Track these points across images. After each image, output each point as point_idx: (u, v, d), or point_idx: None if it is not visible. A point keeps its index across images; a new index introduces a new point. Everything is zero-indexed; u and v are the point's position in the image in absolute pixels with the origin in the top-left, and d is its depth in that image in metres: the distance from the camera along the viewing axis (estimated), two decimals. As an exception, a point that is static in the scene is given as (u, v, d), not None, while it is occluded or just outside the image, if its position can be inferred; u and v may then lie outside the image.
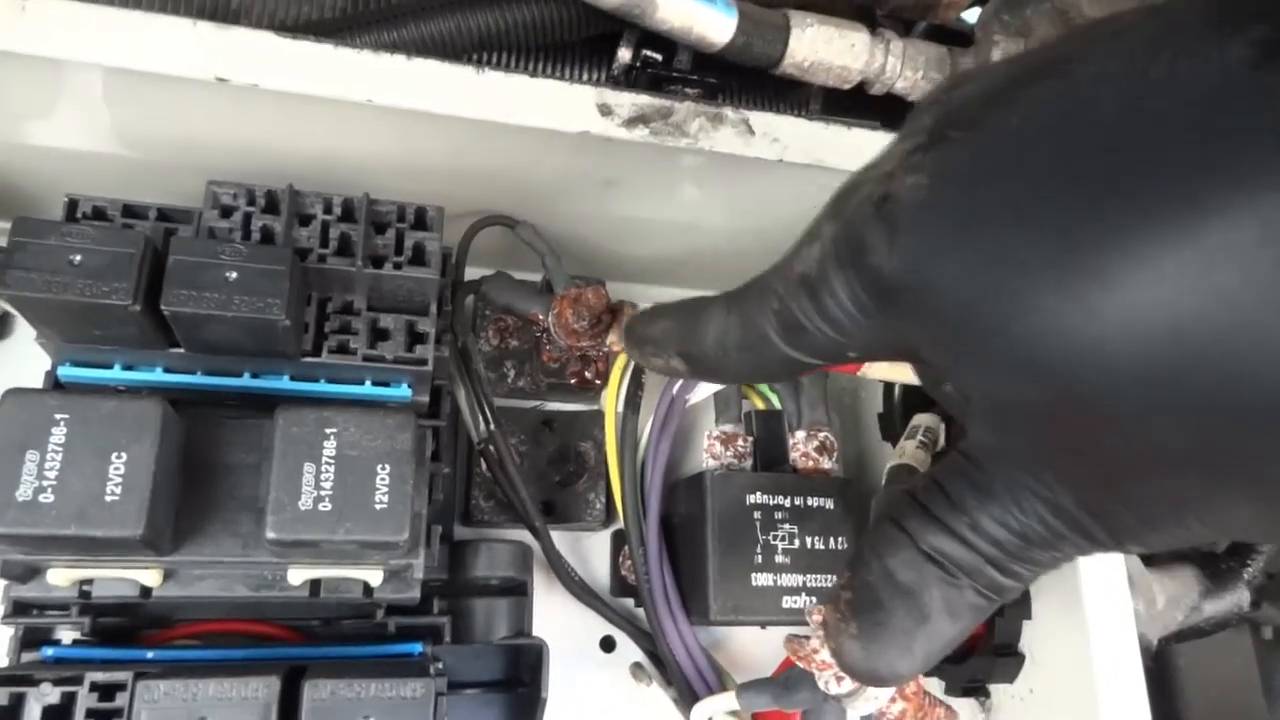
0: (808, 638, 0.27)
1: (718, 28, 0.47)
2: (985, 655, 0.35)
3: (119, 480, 0.23)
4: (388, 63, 0.26)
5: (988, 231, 0.16)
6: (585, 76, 0.53)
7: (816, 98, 0.58)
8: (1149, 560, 0.42)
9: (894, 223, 0.18)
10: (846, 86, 0.50)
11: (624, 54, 0.53)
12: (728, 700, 0.31)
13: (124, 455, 0.23)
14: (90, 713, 0.24)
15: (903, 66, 0.50)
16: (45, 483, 0.22)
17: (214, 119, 0.28)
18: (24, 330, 0.35)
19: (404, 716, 0.23)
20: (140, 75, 0.25)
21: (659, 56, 0.52)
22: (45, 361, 0.28)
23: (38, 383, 0.29)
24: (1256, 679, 0.42)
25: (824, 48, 0.48)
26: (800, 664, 0.27)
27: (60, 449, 0.22)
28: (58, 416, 0.23)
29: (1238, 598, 0.43)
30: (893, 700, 0.28)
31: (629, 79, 0.53)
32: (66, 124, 0.29)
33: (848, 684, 0.26)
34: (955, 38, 0.50)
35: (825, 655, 0.26)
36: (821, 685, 0.26)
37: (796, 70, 0.48)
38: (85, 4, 0.24)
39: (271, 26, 0.50)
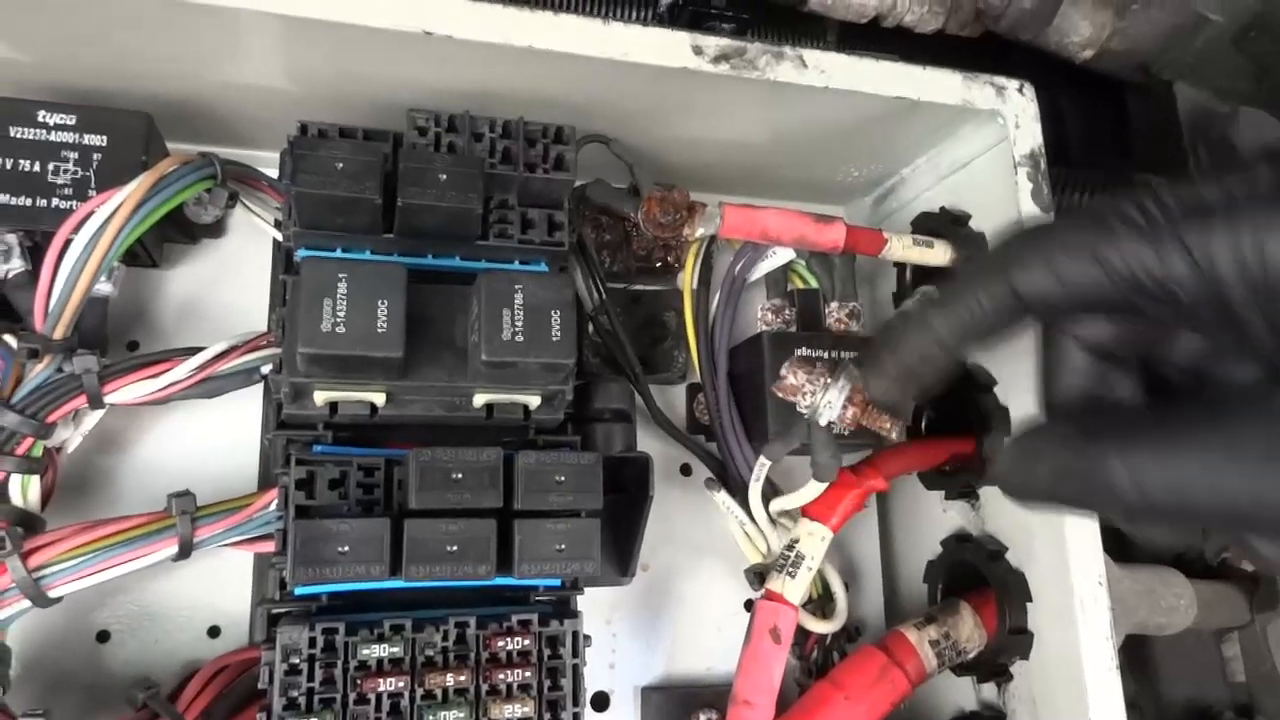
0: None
1: (756, -25, 0.55)
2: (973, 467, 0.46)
3: (384, 318, 0.33)
4: (542, 16, 0.35)
5: None
6: (633, 13, 0.62)
7: (833, 30, 0.67)
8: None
9: None
10: (863, 21, 0.58)
11: (668, -7, 0.62)
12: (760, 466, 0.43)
13: (385, 301, 0.33)
14: (359, 484, 0.34)
15: (911, 1, 0.58)
16: (338, 319, 0.32)
17: (409, 63, 0.37)
18: (235, 231, 0.44)
19: (583, 475, 0.34)
20: (361, 29, 0.34)
21: (698, -6, 0.60)
22: (250, 259, 0.41)
23: (258, 272, 0.40)
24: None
25: (844, -11, 0.56)
26: (788, 397, 0.40)
27: (344, 297, 0.32)
28: (339, 275, 0.33)
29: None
30: (845, 408, 0.40)
31: (673, 15, 0.62)
32: (287, 67, 0.38)
33: (809, 398, 0.39)
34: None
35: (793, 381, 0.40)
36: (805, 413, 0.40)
37: (820, 8, 0.57)
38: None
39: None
